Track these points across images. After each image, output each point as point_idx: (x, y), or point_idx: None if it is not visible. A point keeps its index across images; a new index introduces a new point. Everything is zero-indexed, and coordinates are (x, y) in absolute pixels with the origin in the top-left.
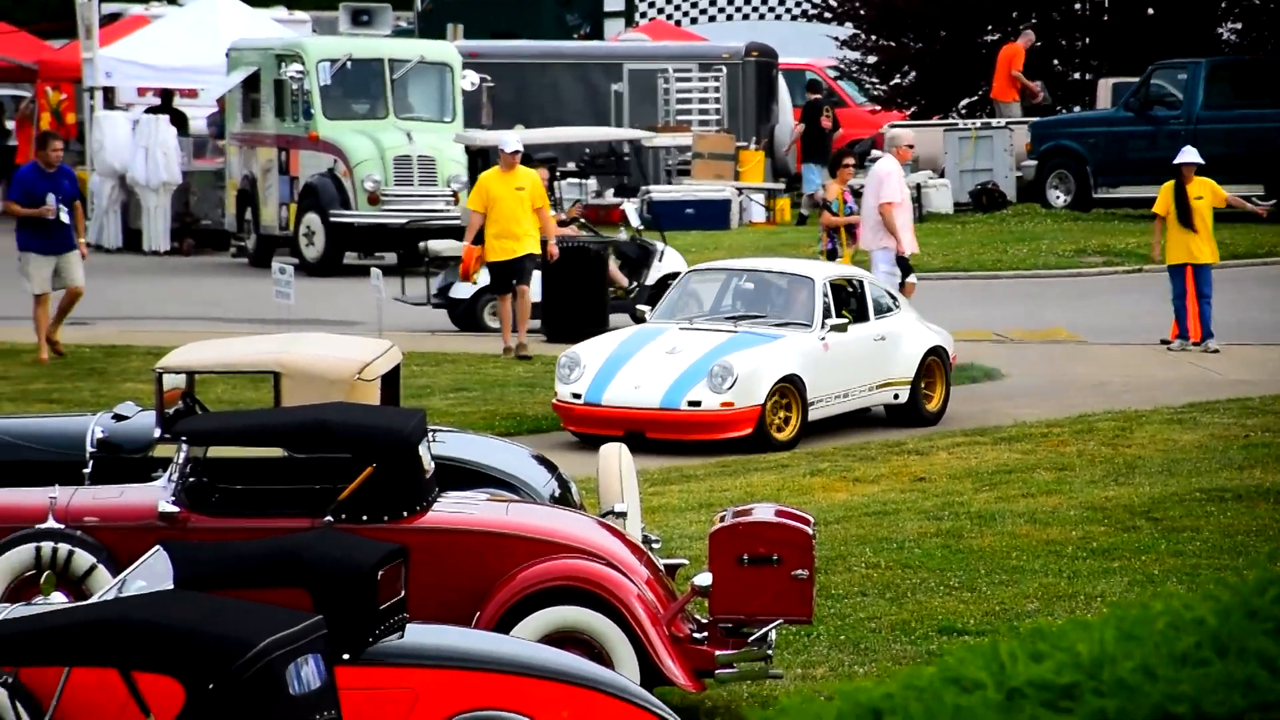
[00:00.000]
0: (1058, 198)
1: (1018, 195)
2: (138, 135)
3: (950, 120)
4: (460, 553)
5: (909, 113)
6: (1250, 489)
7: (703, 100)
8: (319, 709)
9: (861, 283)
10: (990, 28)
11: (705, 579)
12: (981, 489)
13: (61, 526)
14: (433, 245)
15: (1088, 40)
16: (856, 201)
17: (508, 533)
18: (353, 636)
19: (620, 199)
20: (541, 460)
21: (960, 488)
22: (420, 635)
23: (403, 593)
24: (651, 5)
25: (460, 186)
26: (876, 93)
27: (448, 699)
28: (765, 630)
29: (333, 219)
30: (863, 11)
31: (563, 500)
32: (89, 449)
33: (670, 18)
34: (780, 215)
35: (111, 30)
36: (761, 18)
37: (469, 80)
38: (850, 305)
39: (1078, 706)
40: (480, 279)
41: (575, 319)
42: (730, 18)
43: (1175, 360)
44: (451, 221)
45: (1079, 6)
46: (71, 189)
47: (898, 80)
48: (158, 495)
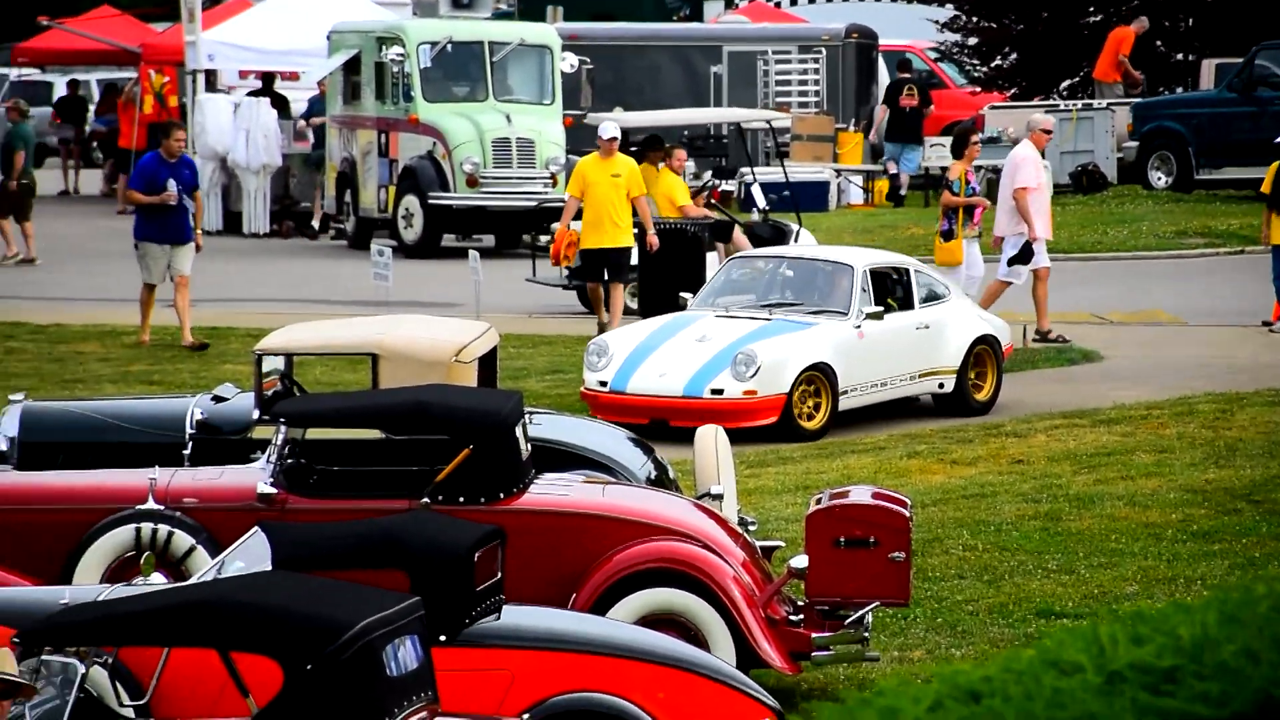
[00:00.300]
0: (1159, 179)
1: (1119, 177)
2: (239, 118)
3: (1051, 102)
4: (556, 534)
5: (1009, 94)
6: None
7: (802, 82)
8: (416, 690)
9: (908, 271)
10: (1092, 9)
11: (801, 561)
12: (1080, 471)
13: (161, 508)
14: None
15: (1191, 21)
16: (979, 183)
17: (604, 514)
18: (450, 618)
19: (722, 180)
20: (638, 442)
21: (1059, 470)
22: (516, 617)
23: (499, 574)
24: None
25: (559, 169)
26: (977, 74)
27: (543, 680)
28: (862, 613)
29: (431, 201)
30: None
31: (659, 482)
32: (189, 430)
33: None
34: (878, 197)
35: (214, 13)
36: (862, 0)
37: (568, 62)
38: (896, 294)
39: (1179, 690)
40: (573, 264)
41: (672, 301)
42: (830, 0)
43: (1277, 342)
44: (553, 204)
45: None
46: (192, 178)
47: (998, 62)
48: (256, 477)
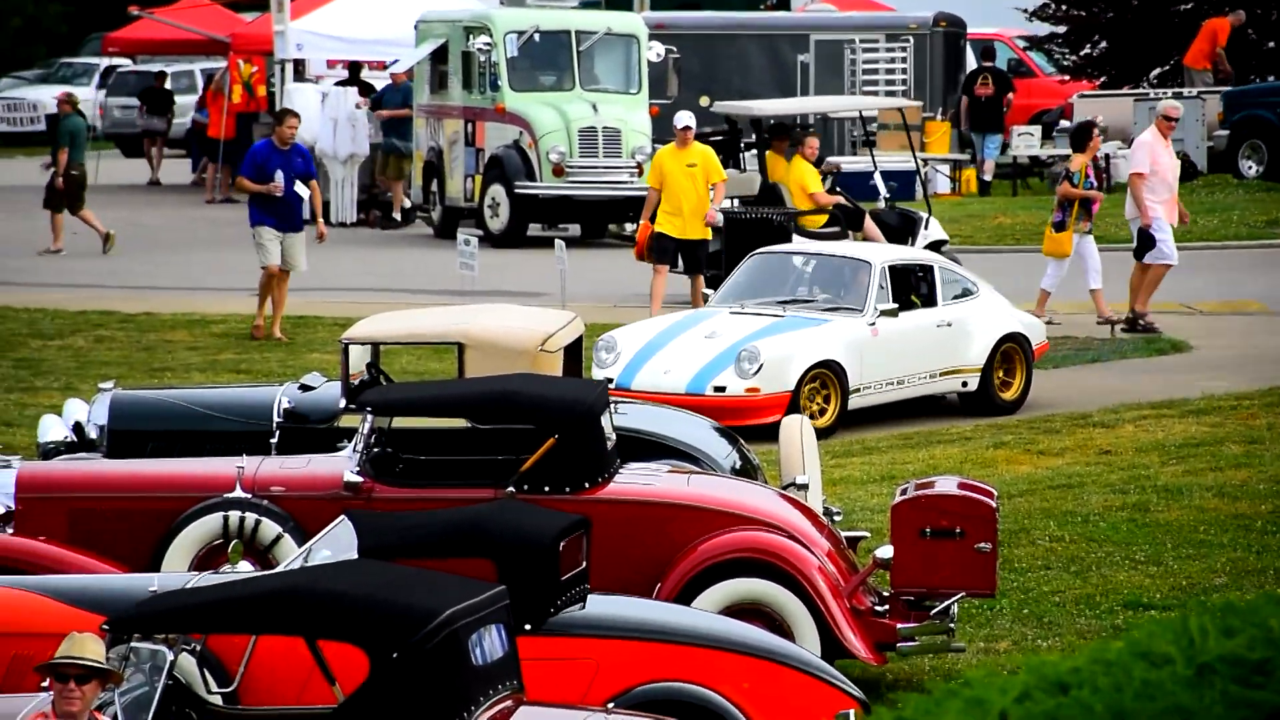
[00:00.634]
0: (1250, 168)
1: (1209, 165)
2: (326, 107)
3: (1141, 90)
4: (641, 524)
5: (1099, 83)
6: None
7: (889, 71)
8: (501, 679)
9: (931, 267)
10: None
11: (887, 551)
12: (1169, 462)
13: (249, 496)
14: None
15: None
16: (1096, 177)
17: (689, 504)
18: (535, 607)
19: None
20: (723, 432)
21: (1147, 461)
22: (601, 606)
23: (584, 564)
24: None
25: (645, 158)
26: (1066, 63)
27: (628, 670)
28: (947, 603)
29: (517, 190)
30: None
31: (744, 472)
32: (276, 419)
33: None
34: (966, 186)
35: (302, 3)
36: None
37: (655, 51)
38: (921, 291)
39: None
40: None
41: None
42: None
43: None
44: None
45: None
46: (304, 167)
47: (1087, 50)
48: (343, 465)
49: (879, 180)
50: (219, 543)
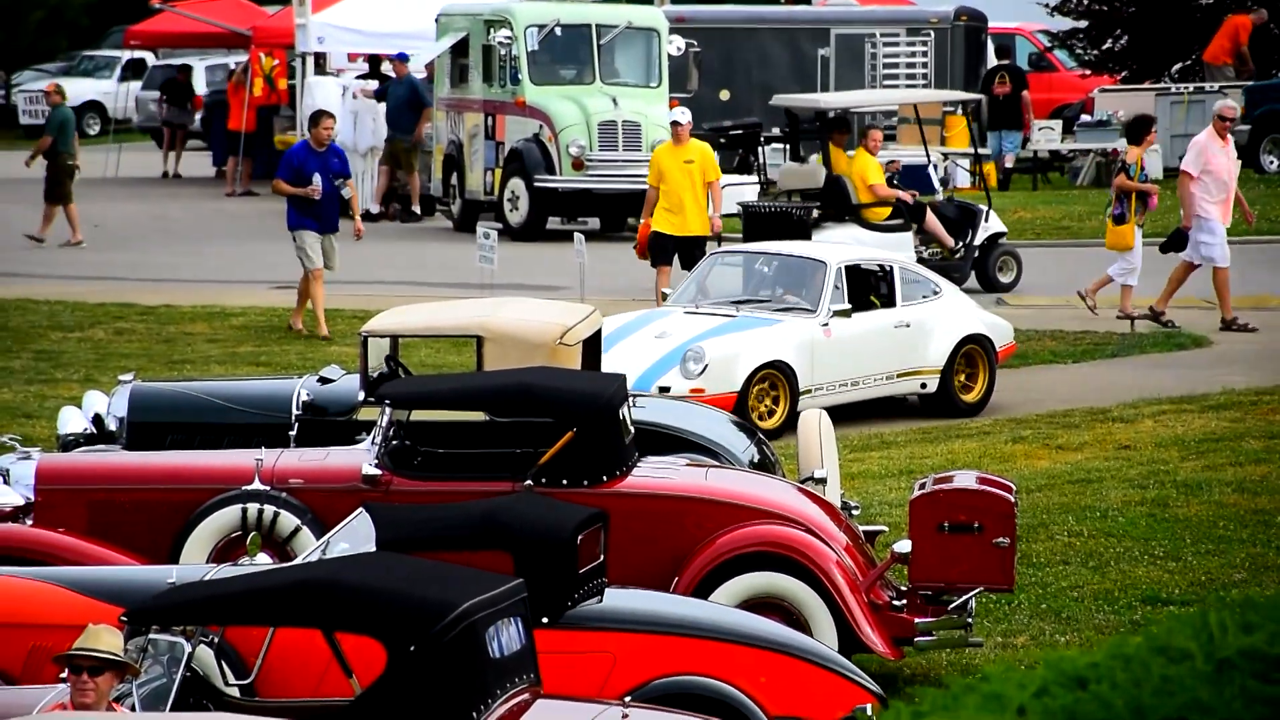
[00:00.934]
0: (1271, 163)
1: None
2: (347, 101)
3: (1162, 85)
4: (659, 517)
5: (1120, 77)
6: None
7: (910, 65)
8: (518, 672)
9: (891, 268)
10: None
11: (905, 546)
12: (1188, 457)
13: (267, 488)
14: None
15: None
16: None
17: (707, 498)
18: (552, 600)
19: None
20: (741, 426)
21: (1166, 456)
22: (619, 599)
23: (602, 557)
24: None
25: None
26: (1087, 58)
27: (645, 663)
28: (965, 598)
29: (537, 184)
30: None
31: (762, 466)
32: (294, 412)
33: None
34: (987, 180)
35: None
36: None
37: (675, 45)
38: (881, 291)
39: None
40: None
41: None
42: None
43: None
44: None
45: None
46: (340, 167)
47: (1109, 45)
48: (361, 458)
49: (931, 174)
50: (237, 535)
